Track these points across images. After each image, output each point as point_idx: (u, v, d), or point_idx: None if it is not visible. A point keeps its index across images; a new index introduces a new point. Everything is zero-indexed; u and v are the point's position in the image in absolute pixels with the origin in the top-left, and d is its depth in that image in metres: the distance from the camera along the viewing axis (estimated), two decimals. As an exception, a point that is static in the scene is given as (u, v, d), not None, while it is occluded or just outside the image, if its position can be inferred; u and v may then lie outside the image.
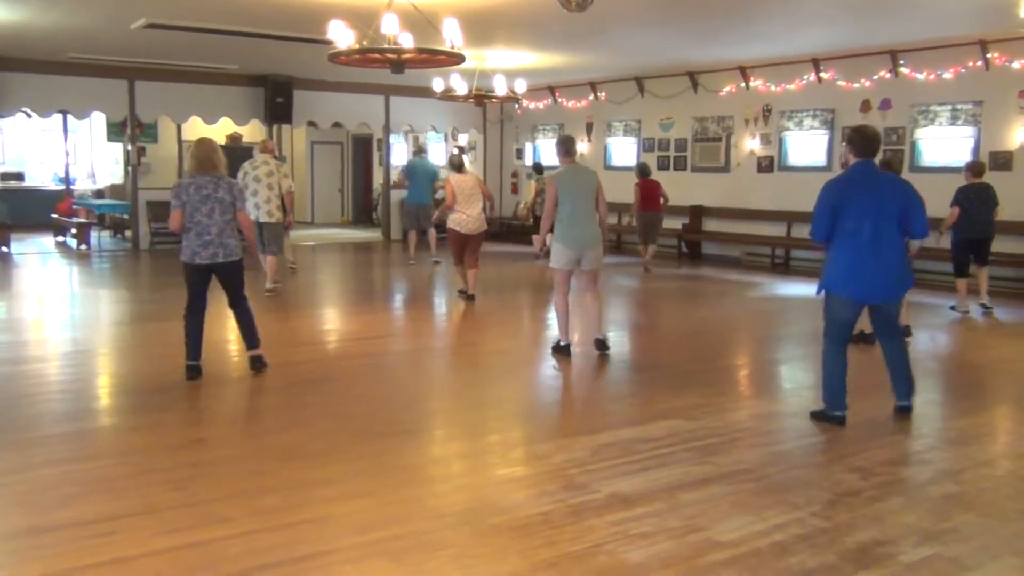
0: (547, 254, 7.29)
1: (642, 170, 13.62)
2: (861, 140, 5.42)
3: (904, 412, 5.62)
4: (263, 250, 10.03)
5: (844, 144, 5.59)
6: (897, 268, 5.37)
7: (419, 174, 14.08)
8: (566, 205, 7.16)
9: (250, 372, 6.59)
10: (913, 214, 5.30)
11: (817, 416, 5.52)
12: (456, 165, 10.31)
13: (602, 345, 7.42)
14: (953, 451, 5.06)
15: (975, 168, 9.70)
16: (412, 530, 3.76)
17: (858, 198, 5.26)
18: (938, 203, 10.40)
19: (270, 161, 10.21)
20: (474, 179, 10.25)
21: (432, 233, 14.13)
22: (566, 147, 7.40)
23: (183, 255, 6.31)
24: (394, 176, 17.60)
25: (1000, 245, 10.56)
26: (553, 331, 7.87)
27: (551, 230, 7.37)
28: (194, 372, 6.38)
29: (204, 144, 6.36)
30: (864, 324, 6.72)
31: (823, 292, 5.51)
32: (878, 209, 5.23)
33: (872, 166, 5.46)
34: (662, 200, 13.39)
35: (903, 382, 5.63)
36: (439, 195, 12.21)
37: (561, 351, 7.35)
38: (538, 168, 15.19)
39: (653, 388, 6.48)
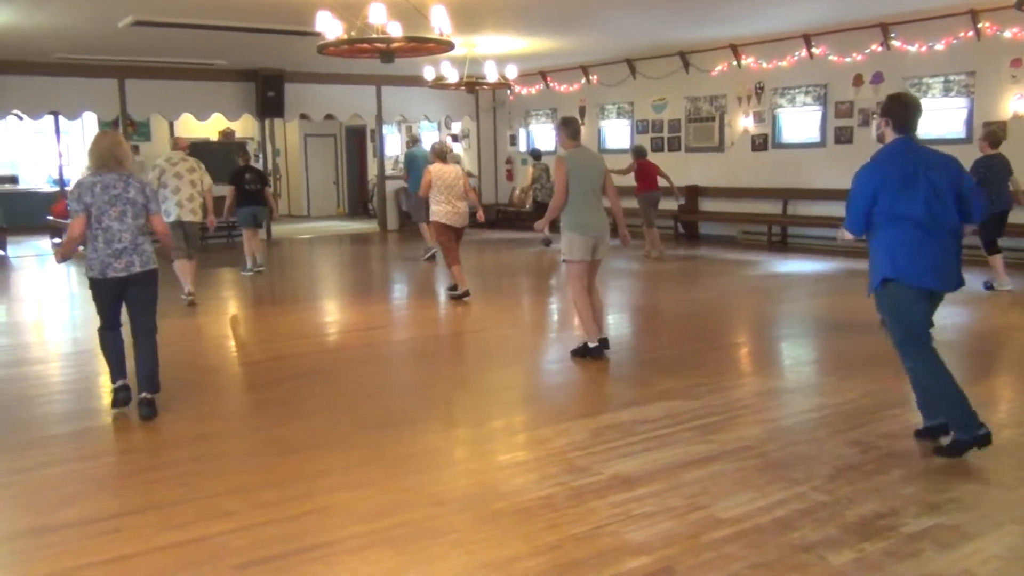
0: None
1: (638, 152, 13.56)
2: (901, 110, 4.41)
3: None
4: (177, 254, 9.26)
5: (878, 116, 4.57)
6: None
7: (421, 163, 13.86)
8: (578, 190, 6.54)
9: (141, 415, 5.38)
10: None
11: (956, 449, 4.43)
12: (439, 154, 9.68)
13: (607, 344, 6.81)
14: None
15: (993, 138, 8.97)
16: (414, 517, 3.77)
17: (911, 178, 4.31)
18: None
19: (189, 158, 9.75)
20: (457, 171, 9.68)
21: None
22: (572, 128, 6.78)
23: (90, 269, 5.36)
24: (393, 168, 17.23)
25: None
26: (559, 321, 7.85)
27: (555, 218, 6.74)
28: (124, 394, 5.51)
29: (106, 137, 5.53)
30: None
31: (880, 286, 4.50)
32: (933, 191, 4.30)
33: (914, 142, 4.48)
34: (660, 181, 13.22)
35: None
36: None
37: (594, 353, 6.63)
38: (535, 154, 15.12)
39: (652, 369, 6.49)
